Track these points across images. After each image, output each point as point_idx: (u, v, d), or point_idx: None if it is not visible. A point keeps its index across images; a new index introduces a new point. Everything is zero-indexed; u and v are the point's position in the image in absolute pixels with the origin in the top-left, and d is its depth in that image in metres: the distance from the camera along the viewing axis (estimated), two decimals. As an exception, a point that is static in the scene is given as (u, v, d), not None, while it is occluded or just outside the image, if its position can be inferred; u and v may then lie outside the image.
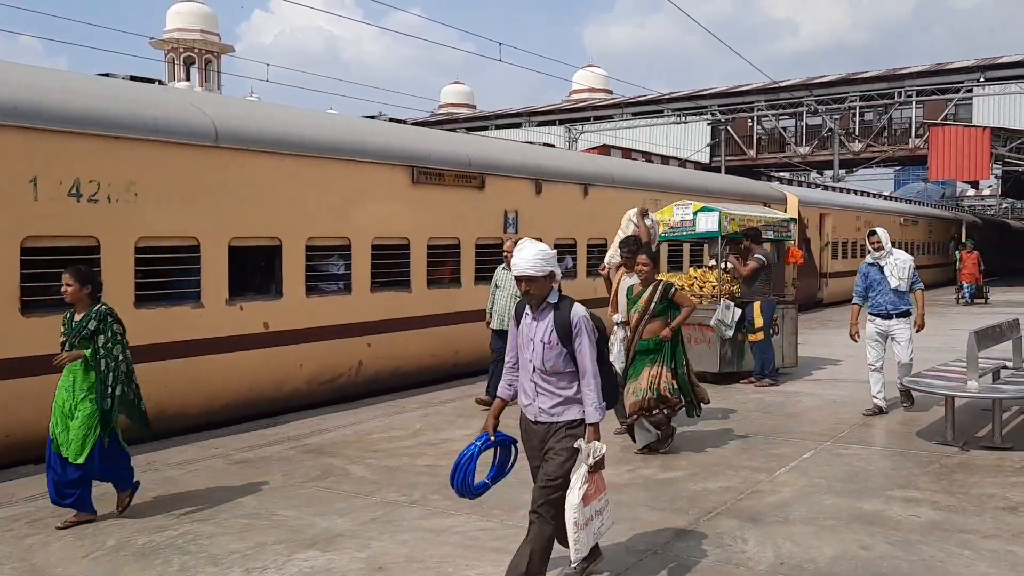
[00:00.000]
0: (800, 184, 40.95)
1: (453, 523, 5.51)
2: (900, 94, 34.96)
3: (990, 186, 61.45)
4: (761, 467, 6.81)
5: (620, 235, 8.67)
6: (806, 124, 38.78)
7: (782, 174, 44.31)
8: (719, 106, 38.52)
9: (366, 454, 7.38)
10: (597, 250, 14.58)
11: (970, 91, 33.97)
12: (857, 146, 37.21)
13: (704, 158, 37.82)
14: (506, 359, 4.53)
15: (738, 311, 10.68)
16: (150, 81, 9.76)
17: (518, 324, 4.41)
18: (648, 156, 31.85)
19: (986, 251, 26.61)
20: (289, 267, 9.78)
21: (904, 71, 36.38)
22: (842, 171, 38.70)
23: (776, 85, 36.85)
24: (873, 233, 8.98)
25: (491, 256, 12.16)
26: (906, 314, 8.80)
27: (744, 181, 23.69)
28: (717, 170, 33.21)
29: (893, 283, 8.69)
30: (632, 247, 7.71)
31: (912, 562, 4.77)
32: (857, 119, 37.52)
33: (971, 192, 68.12)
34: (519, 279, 4.22)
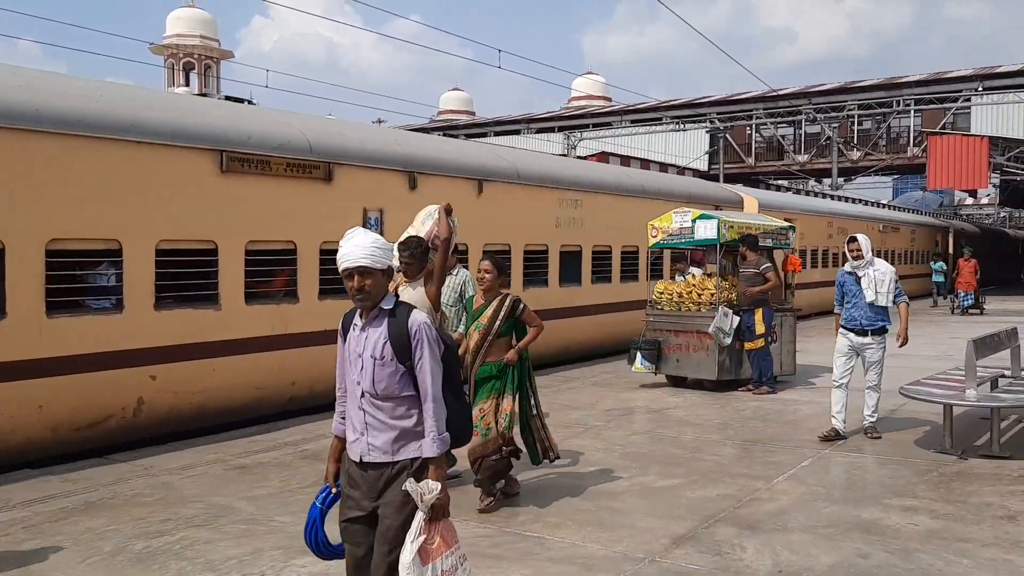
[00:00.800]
0: (798, 192, 41.03)
1: (451, 530, 5.49)
2: (899, 103, 35.05)
3: (988, 195, 61.59)
4: (759, 475, 6.80)
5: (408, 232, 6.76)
6: (805, 132, 38.86)
7: (780, 182, 44.40)
8: (718, 114, 38.59)
9: (364, 460, 7.35)
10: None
11: (968, 100, 34.07)
12: (855, 154, 37.29)
13: (702, 166, 37.90)
14: (336, 386, 3.62)
15: (736, 319, 10.69)
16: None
17: (344, 338, 3.48)
18: (646, 163, 31.85)
19: (981, 260, 26.38)
20: (19, 277, 7.43)
21: (903, 80, 36.50)
22: (840, 179, 38.76)
23: (775, 93, 36.95)
24: (853, 239, 8.25)
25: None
26: (881, 331, 8.15)
27: (695, 182, 22.05)
28: (715, 178, 33.26)
29: (869, 296, 7.99)
30: (414, 249, 6.13)
31: (910, 570, 4.76)
32: (855, 127, 37.61)
33: (969, 201, 68.28)
34: (350, 272, 3.32)
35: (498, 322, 6.01)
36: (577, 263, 14.76)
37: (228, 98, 12.23)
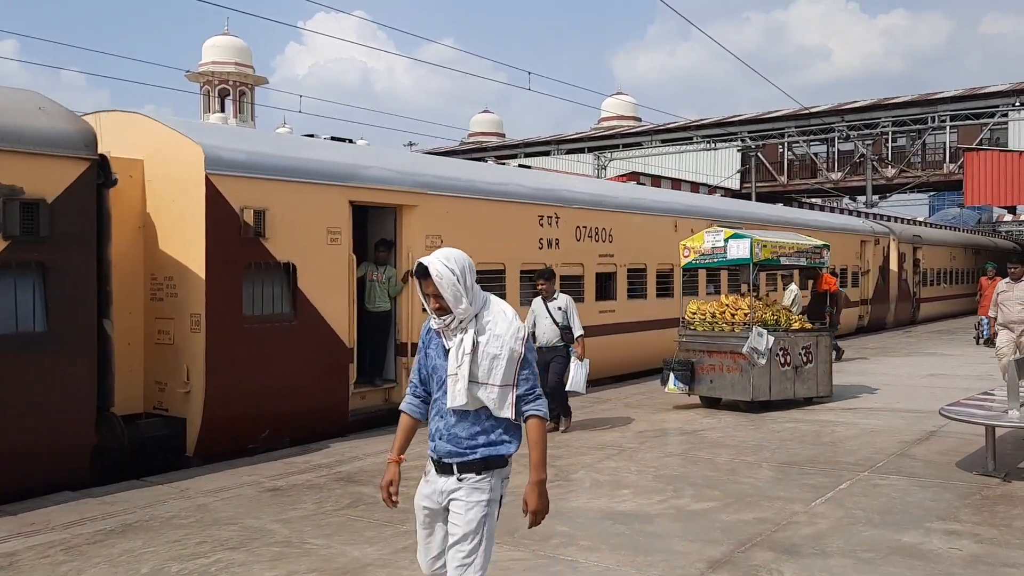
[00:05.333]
0: (832, 210, 40.61)
1: (484, 553, 5.47)
2: (934, 119, 34.64)
3: (1028, 211, 60.37)
4: (797, 498, 6.69)
5: None
6: (838, 150, 38.54)
7: (814, 200, 44.01)
8: (749, 132, 38.42)
9: (397, 482, 7.35)
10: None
11: (1005, 115, 33.58)
12: (890, 172, 36.87)
13: (734, 185, 37.70)
14: None
15: (771, 338, 10.58)
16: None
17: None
18: (677, 183, 31.82)
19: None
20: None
21: (937, 96, 36.07)
22: (875, 197, 38.32)
23: (807, 111, 36.72)
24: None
25: None
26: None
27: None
28: (747, 197, 33.06)
29: (450, 398, 6.82)
30: None
31: (954, 597, 4.64)
32: (890, 144, 37.22)
33: (1008, 217, 67.13)
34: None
35: None
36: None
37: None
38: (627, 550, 5.49)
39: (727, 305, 11.31)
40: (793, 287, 15.89)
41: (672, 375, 11.03)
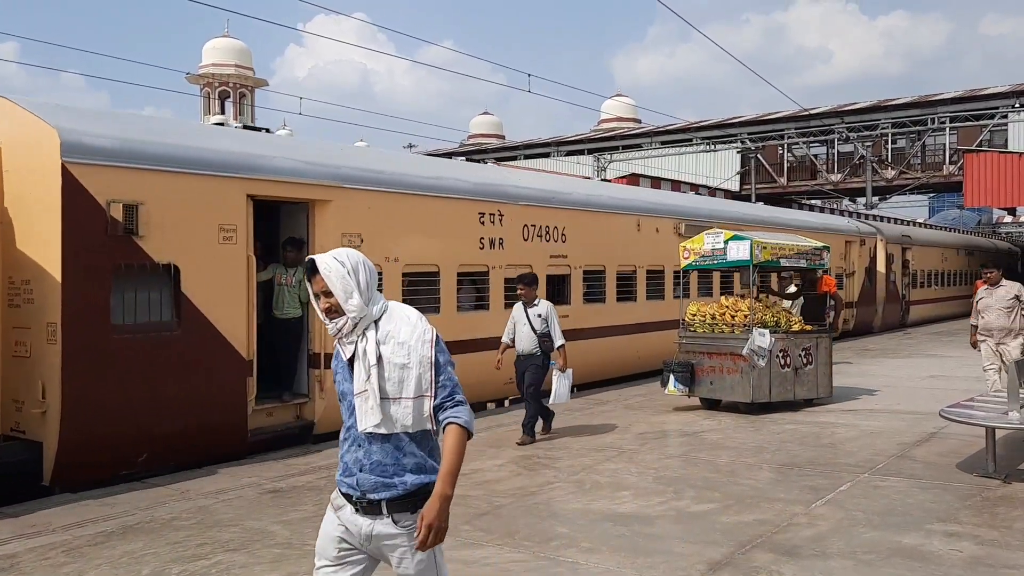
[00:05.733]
0: (832, 212, 40.59)
1: (484, 554, 5.48)
2: (933, 120, 34.64)
3: (1028, 212, 60.36)
4: (797, 499, 6.70)
5: None
6: (838, 151, 38.52)
7: (814, 201, 44.00)
8: (749, 134, 38.43)
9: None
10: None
11: (1005, 117, 33.59)
12: (890, 173, 36.88)
13: (734, 186, 37.70)
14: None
15: (772, 339, 10.58)
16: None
17: None
18: (677, 185, 31.81)
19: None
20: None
21: (937, 97, 36.09)
22: (875, 198, 38.33)
23: (807, 112, 36.73)
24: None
25: None
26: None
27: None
28: (747, 198, 33.06)
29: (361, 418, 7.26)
30: None
31: (955, 598, 4.65)
32: (889, 146, 37.21)
33: (1008, 219, 67.16)
34: None
35: None
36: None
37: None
38: (627, 551, 5.49)
39: (727, 307, 11.32)
40: (793, 289, 15.83)
41: (672, 377, 11.03)
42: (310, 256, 3.15)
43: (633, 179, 31.56)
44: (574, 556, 5.43)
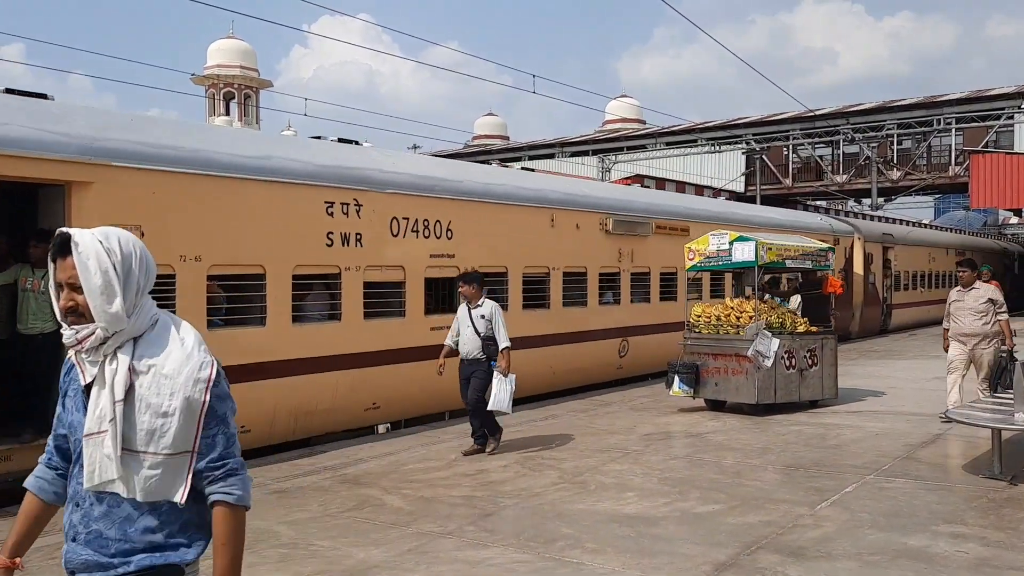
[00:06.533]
0: (837, 213, 40.51)
1: (489, 555, 5.48)
2: (939, 121, 34.55)
3: (1034, 213, 60.17)
4: (802, 500, 6.68)
5: None
6: (843, 152, 38.44)
7: (819, 202, 43.92)
8: (754, 135, 38.38)
9: (402, 484, 7.38)
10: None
11: (1011, 118, 33.49)
12: (895, 174, 36.80)
13: (739, 187, 37.66)
14: None
15: (776, 341, 10.57)
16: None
17: None
18: (681, 186, 31.77)
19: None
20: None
21: (943, 98, 36.00)
22: (880, 199, 38.24)
23: (812, 113, 36.67)
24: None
25: None
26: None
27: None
28: (752, 200, 33.01)
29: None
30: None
31: (961, 600, 4.63)
32: (895, 147, 37.13)
33: (1014, 220, 66.98)
34: None
35: None
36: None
37: None
38: (632, 552, 5.49)
39: (732, 308, 11.31)
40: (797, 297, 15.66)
41: (677, 378, 11.03)
42: (61, 229, 2.26)
43: (637, 179, 31.56)
44: (579, 557, 5.42)
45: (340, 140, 10.91)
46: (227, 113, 57.57)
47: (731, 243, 11.18)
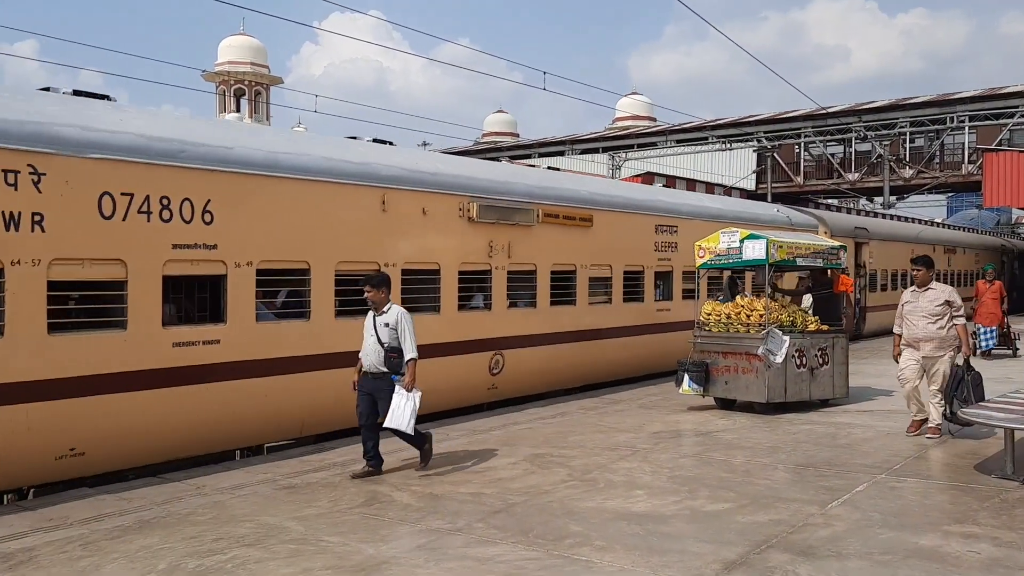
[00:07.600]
0: (849, 212, 40.31)
1: (498, 552, 5.48)
2: (952, 119, 34.36)
3: (1048, 213, 59.72)
4: (813, 499, 6.66)
5: None
6: (855, 150, 38.27)
7: (830, 200, 43.75)
8: (765, 133, 38.26)
9: (411, 481, 7.39)
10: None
11: (1025, 116, 33.26)
12: (908, 172, 36.60)
13: (750, 185, 37.54)
14: None
15: (787, 339, 10.53)
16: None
17: None
18: (692, 183, 31.69)
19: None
20: None
21: (956, 96, 35.79)
22: (893, 198, 38.05)
23: (824, 111, 36.51)
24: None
25: None
26: None
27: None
28: (763, 198, 32.89)
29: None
30: None
31: (972, 601, 4.61)
32: (907, 145, 36.93)
33: (1028, 219, 66.55)
34: None
35: None
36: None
37: None
38: (641, 550, 5.48)
39: (742, 306, 11.27)
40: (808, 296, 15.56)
41: (687, 376, 11.00)
42: None
43: (648, 177, 31.49)
44: (588, 554, 5.42)
45: None
46: (237, 110, 57.73)
47: (742, 241, 11.14)
